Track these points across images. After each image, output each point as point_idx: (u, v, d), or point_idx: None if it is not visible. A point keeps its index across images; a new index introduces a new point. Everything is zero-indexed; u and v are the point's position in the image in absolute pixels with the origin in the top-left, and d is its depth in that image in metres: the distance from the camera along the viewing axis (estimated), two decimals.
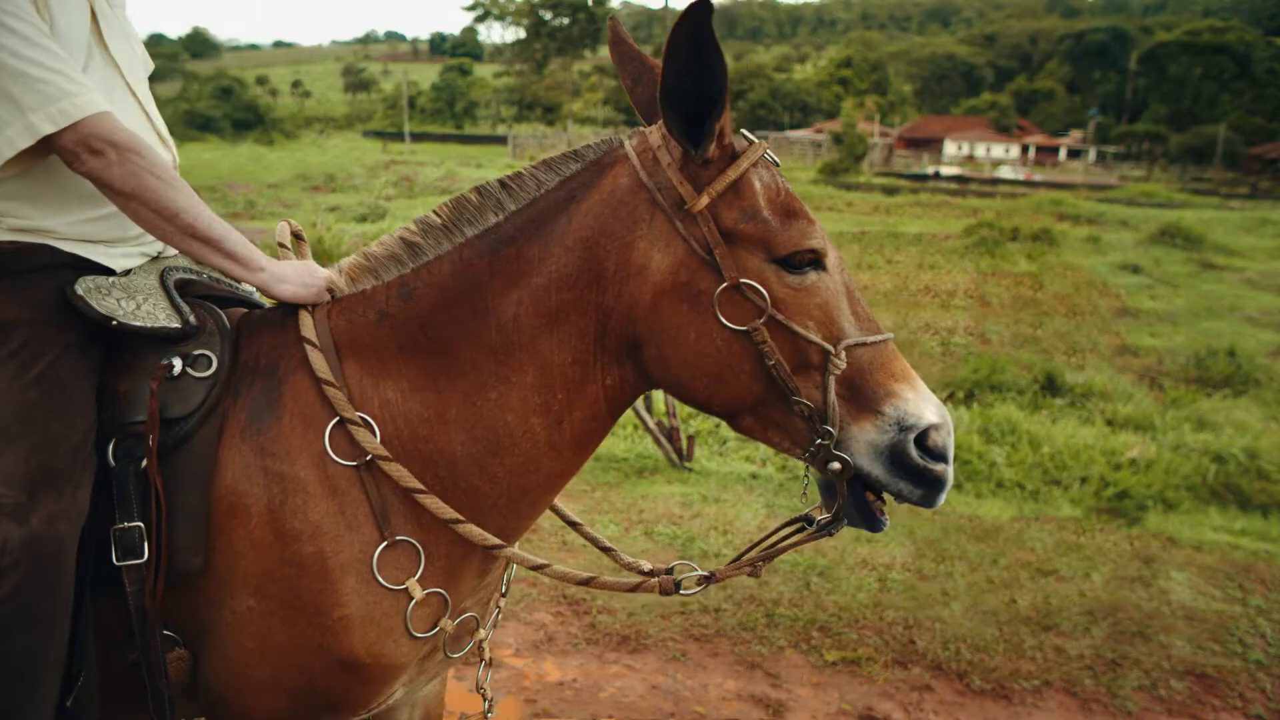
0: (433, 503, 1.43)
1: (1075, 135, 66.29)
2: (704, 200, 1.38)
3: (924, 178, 40.05)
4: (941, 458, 1.38)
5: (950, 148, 58.13)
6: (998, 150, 58.83)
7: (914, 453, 1.36)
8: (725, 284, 1.37)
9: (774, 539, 1.52)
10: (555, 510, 1.75)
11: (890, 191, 31.12)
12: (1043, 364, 9.31)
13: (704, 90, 1.31)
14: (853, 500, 1.42)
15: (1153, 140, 57.43)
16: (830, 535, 1.47)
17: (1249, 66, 61.30)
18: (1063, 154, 60.72)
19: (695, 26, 1.24)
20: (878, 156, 48.90)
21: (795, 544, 1.49)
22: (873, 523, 1.44)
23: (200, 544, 1.43)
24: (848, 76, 73.07)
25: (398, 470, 1.43)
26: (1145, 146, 57.43)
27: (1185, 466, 6.29)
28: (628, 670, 3.49)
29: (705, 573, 1.49)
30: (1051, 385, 8.47)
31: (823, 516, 1.48)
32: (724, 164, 1.39)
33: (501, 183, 1.50)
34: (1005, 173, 46.68)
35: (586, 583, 1.53)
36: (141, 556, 1.40)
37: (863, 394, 1.38)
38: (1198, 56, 61.78)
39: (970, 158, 56.08)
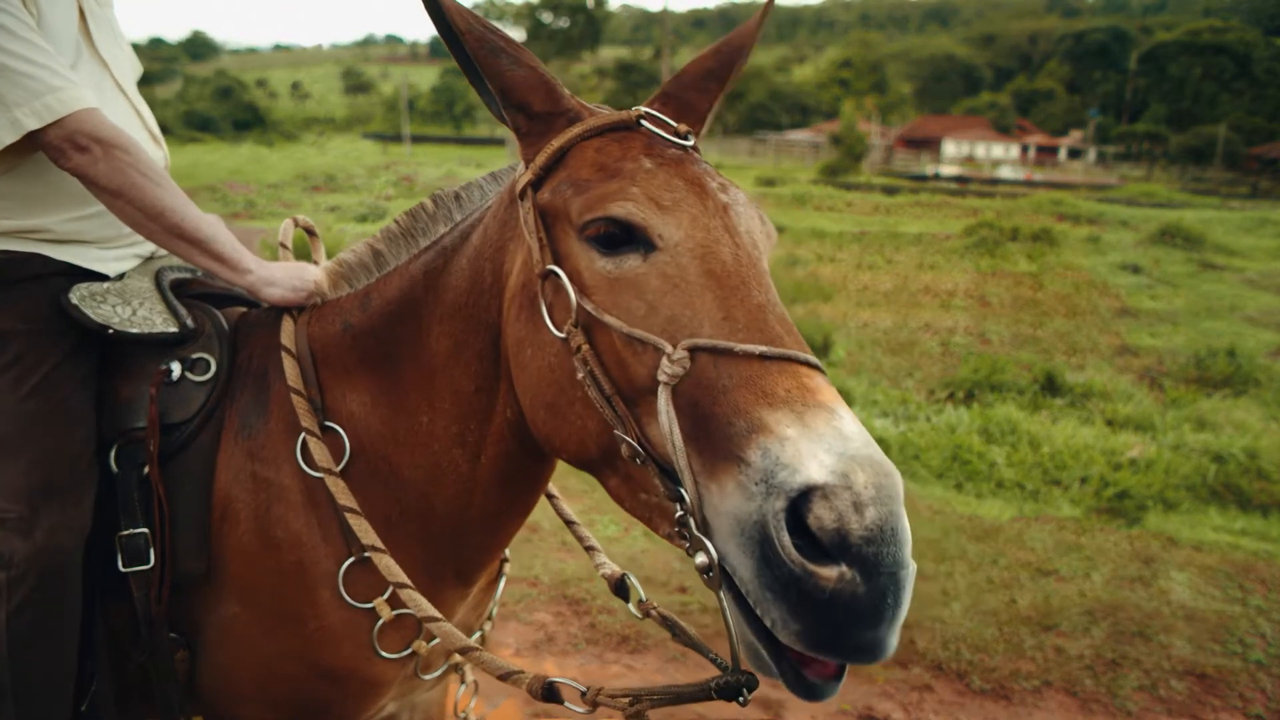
0: (359, 523, 1.35)
1: (1075, 135, 66.26)
2: (525, 176, 1.18)
3: (924, 178, 40.03)
4: (835, 552, 0.83)
5: (950, 148, 58.10)
6: (998, 150, 58.82)
7: (782, 537, 0.85)
8: (540, 275, 1.11)
9: (680, 691, 1.10)
10: (554, 506, 1.69)
11: (890, 191, 31.09)
12: (1043, 364, 9.30)
13: (469, 62, 1.19)
14: (760, 636, 0.91)
15: (1153, 140, 57.45)
16: (739, 702, 1.02)
17: (1249, 66, 61.34)
18: (1063, 154, 60.71)
19: (432, 14, 1.16)
20: (877, 157, 48.90)
21: (688, 700, 1.08)
22: (800, 681, 0.92)
23: (203, 548, 1.42)
24: (847, 77, 73.06)
25: (335, 484, 1.37)
26: (1145, 146, 57.43)
27: (1185, 466, 6.29)
28: (628, 670, 3.49)
29: (582, 688, 1.16)
30: (1051, 385, 8.46)
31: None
32: (553, 135, 1.19)
33: (455, 193, 1.45)
34: (1005, 173, 46.67)
35: (464, 652, 1.28)
36: (147, 562, 1.39)
37: (714, 428, 0.92)
38: (1198, 56, 61.83)
39: (970, 158, 56.06)
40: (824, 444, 0.87)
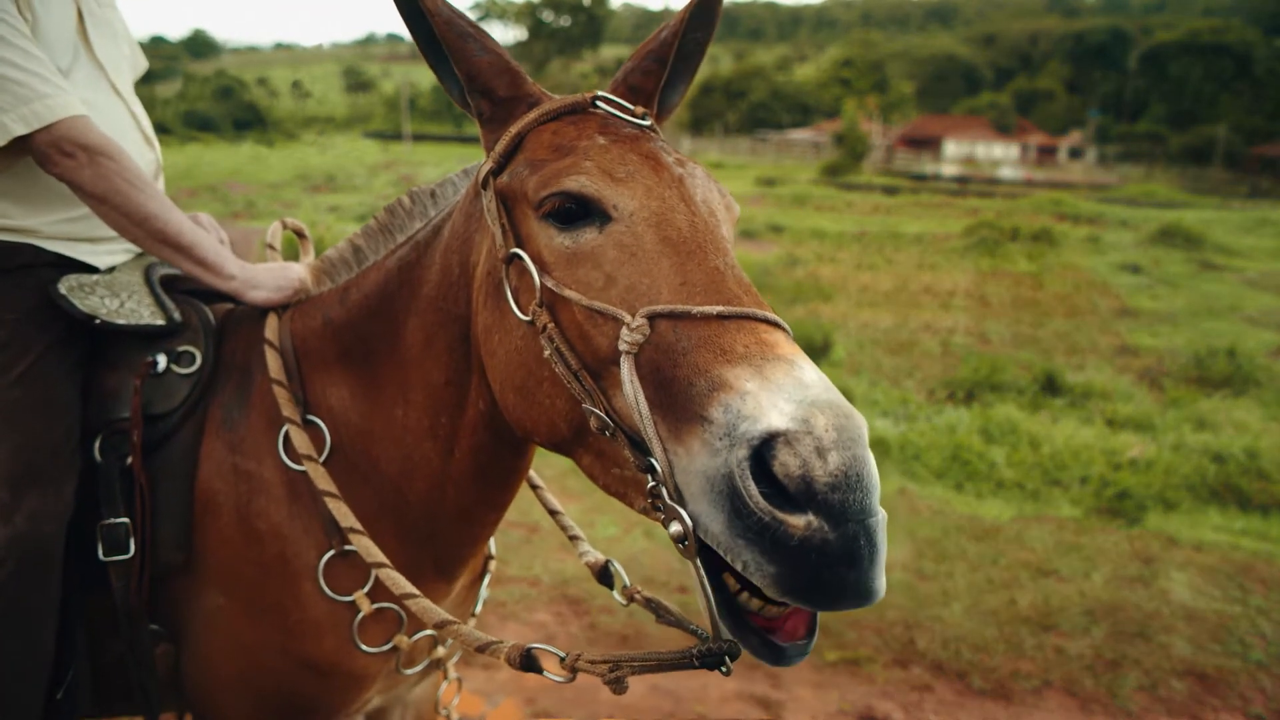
0: (338, 506, 1.37)
1: (1075, 135, 66.21)
2: (486, 165, 1.21)
3: (924, 178, 40.02)
4: (802, 500, 0.82)
5: (950, 148, 58.06)
6: (998, 150, 58.76)
7: (748, 485, 0.84)
8: (504, 260, 1.13)
9: (660, 658, 1.06)
10: (538, 496, 1.68)
11: (890, 191, 31.09)
12: (1043, 364, 9.29)
13: (434, 46, 1.20)
14: (724, 605, 0.92)
15: (1153, 140, 57.42)
16: (721, 671, 1.01)
17: (1249, 66, 61.36)
18: (1063, 154, 60.65)
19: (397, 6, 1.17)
20: (878, 156, 48.90)
21: (669, 668, 1.04)
22: (767, 647, 0.91)
23: (184, 540, 1.43)
24: (848, 76, 73.07)
25: (315, 470, 1.38)
26: (1145, 146, 57.38)
27: (1185, 466, 6.28)
28: None
29: (561, 654, 1.14)
30: (1051, 385, 8.45)
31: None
32: (513, 122, 1.21)
33: (431, 189, 1.46)
34: (1005, 173, 46.65)
35: (440, 626, 1.27)
36: (127, 552, 1.40)
37: (677, 391, 0.91)
38: (1198, 56, 61.86)
39: (970, 158, 56.02)
40: (784, 393, 0.86)
